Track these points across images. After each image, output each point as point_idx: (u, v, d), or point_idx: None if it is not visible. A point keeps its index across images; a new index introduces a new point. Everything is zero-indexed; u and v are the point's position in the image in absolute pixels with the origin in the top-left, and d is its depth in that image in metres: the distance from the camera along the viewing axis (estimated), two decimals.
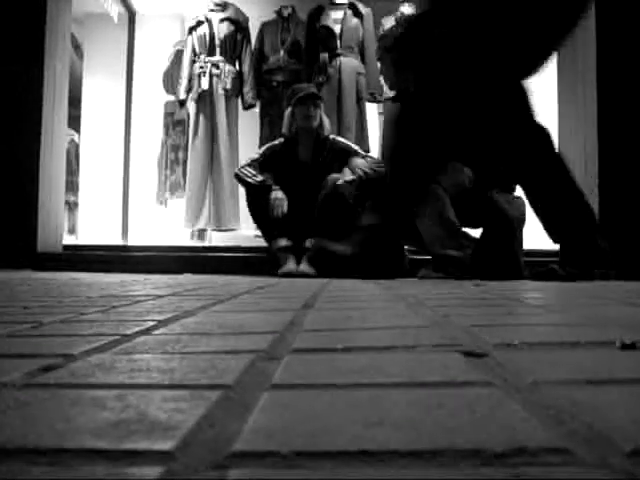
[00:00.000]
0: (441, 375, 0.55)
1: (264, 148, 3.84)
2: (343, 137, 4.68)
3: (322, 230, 3.49)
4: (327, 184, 3.50)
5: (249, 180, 3.62)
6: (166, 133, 5.89)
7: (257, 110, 5.33)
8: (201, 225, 5.16)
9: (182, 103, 5.23)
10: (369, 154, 3.71)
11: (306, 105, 3.68)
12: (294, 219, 3.55)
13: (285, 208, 3.51)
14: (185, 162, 5.46)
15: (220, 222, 5.13)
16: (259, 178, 3.59)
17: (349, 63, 5.05)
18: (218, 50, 5.13)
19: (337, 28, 5.08)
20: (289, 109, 3.78)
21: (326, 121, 3.81)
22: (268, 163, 3.71)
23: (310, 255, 3.49)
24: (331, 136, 3.80)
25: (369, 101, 5.18)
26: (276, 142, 3.83)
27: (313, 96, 3.73)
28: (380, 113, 5.41)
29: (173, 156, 5.83)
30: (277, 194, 3.53)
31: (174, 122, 5.86)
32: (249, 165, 3.68)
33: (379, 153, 5.25)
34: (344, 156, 3.66)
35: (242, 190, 5.20)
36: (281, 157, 3.73)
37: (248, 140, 5.27)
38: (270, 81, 5.23)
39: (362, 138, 5.07)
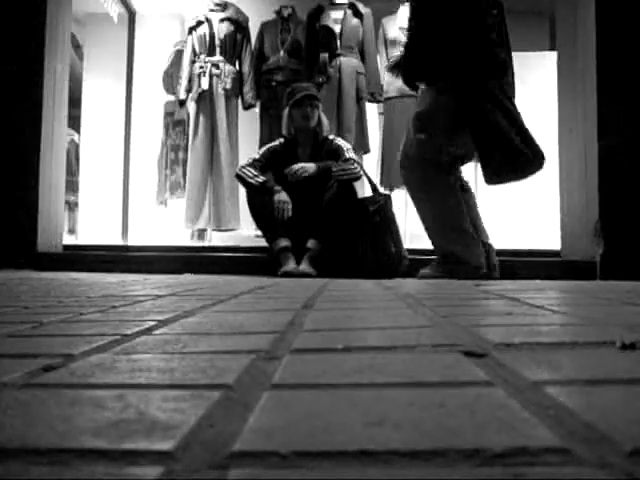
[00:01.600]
0: (441, 375, 0.55)
1: (264, 149, 3.84)
2: (343, 138, 4.69)
3: (327, 232, 3.50)
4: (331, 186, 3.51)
5: (250, 181, 3.62)
6: (166, 133, 5.88)
7: (257, 110, 5.33)
8: (201, 225, 5.16)
9: (182, 103, 5.22)
10: (353, 157, 3.66)
11: (303, 106, 3.68)
12: (294, 220, 3.54)
13: (290, 211, 3.50)
14: (185, 162, 5.46)
15: (220, 222, 5.12)
16: (260, 179, 3.59)
17: (349, 63, 5.04)
18: (218, 50, 5.13)
19: (337, 28, 5.08)
20: (287, 109, 3.78)
21: (325, 121, 3.81)
22: (268, 164, 3.71)
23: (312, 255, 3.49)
24: (330, 136, 3.80)
25: (369, 101, 5.17)
26: (276, 143, 3.84)
27: (310, 97, 3.73)
28: (380, 113, 5.39)
29: (173, 156, 5.83)
30: (281, 196, 3.52)
31: (174, 122, 5.85)
32: (250, 165, 3.68)
33: (379, 153, 5.24)
34: (336, 157, 3.66)
35: (242, 190, 5.20)
36: (281, 158, 3.73)
37: (248, 140, 5.27)
38: (270, 81, 5.23)
39: (362, 138, 5.07)
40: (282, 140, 3.80)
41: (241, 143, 5.29)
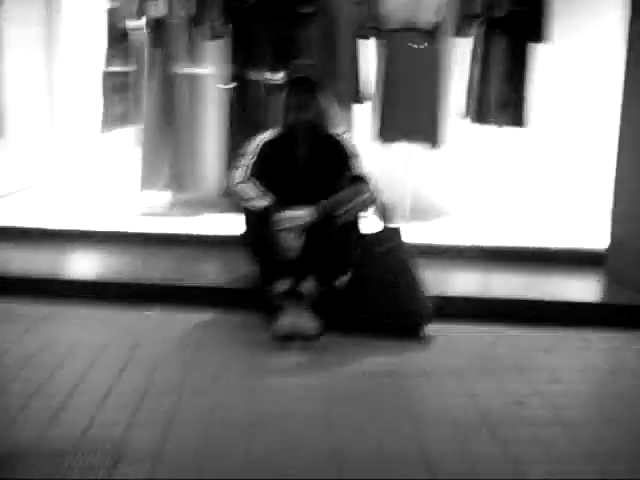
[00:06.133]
0: None
1: (259, 141, 2.90)
2: (337, 89, 3.79)
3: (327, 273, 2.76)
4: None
5: (251, 205, 2.75)
6: (111, 50, 4.73)
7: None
8: (160, 187, 4.24)
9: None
10: (363, 173, 2.84)
11: (297, 91, 2.77)
12: None
13: (299, 250, 2.70)
14: (137, 86, 4.43)
15: (181, 185, 4.23)
16: (264, 202, 2.72)
17: None
18: None
19: None
20: (285, 93, 2.85)
21: (331, 111, 2.88)
22: (262, 163, 2.83)
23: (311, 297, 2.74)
24: (337, 132, 2.89)
25: (367, 37, 4.15)
26: (270, 133, 2.91)
27: (305, 80, 2.79)
28: (380, 48, 4.31)
29: (120, 78, 4.74)
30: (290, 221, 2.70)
31: (120, 35, 4.70)
32: (244, 177, 2.78)
33: (375, 99, 4.26)
34: (339, 162, 2.83)
35: (209, 147, 4.28)
36: (278, 152, 2.85)
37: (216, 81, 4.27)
38: (241, 3, 4.10)
39: (357, 84, 4.13)
40: (279, 130, 2.89)
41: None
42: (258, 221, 2.71)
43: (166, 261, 3.47)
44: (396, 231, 2.85)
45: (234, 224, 2.99)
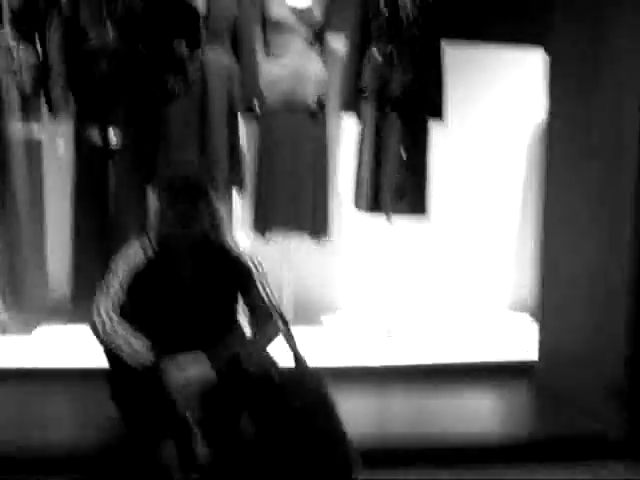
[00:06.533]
0: None
1: (128, 260, 2.16)
2: (212, 174, 3.26)
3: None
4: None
5: (126, 357, 1.99)
6: None
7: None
8: None
9: None
10: (273, 297, 2.20)
11: (179, 199, 2.11)
12: None
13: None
14: None
15: (16, 295, 3.36)
16: (146, 355, 1.97)
17: (217, 60, 3.44)
18: (7, 25, 3.22)
19: (201, 5, 3.42)
20: (155, 194, 2.19)
21: (221, 215, 2.26)
22: (135, 289, 2.11)
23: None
24: (231, 245, 2.26)
25: (245, 115, 3.60)
26: (145, 248, 2.19)
27: (188, 184, 2.15)
28: (256, 127, 3.76)
29: None
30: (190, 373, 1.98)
31: None
32: (113, 312, 2.03)
33: (252, 186, 3.70)
34: (241, 284, 2.21)
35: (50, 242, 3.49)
36: (155, 276, 2.14)
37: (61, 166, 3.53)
38: (90, 72, 3.40)
39: (234, 170, 3.54)
40: (153, 246, 2.19)
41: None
42: (137, 378, 1.98)
43: None
44: (312, 375, 2.23)
45: (86, 342, 2.25)
